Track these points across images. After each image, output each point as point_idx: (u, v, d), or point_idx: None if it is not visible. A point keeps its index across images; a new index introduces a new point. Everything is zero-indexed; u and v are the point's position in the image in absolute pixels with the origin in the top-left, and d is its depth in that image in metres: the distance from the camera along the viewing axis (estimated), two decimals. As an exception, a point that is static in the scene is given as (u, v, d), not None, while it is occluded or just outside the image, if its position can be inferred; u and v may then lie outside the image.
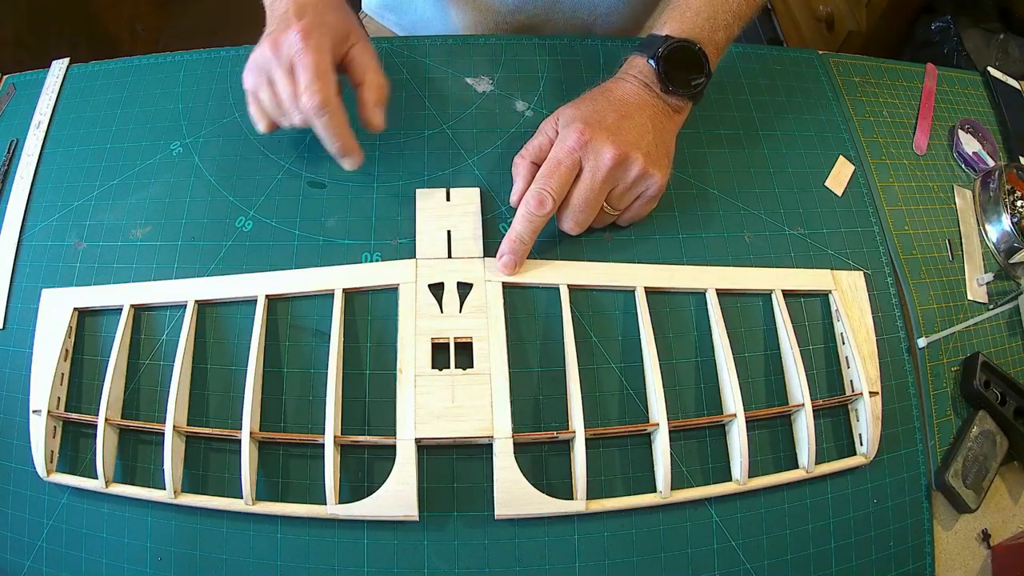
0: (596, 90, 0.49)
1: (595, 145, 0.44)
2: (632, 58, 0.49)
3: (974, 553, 0.48)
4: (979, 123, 0.64)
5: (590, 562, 0.43)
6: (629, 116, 0.46)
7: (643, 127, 0.46)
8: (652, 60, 0.47)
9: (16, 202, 0.53)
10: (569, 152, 0.44)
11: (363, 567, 0.43)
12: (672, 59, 0.47)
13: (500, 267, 0.47)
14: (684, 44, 0.47)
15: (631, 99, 0.47)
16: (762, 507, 0.45)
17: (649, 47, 0.48)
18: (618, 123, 0.45)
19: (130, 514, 0.44)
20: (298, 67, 0.44)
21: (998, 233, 0.58)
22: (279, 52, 0.44)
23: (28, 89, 0.59)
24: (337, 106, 0.45)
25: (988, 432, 0.49)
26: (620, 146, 0.44)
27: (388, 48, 0.59)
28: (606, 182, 0.45)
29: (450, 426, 0.42)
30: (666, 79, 0.47)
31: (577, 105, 0.48)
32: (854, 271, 0.52)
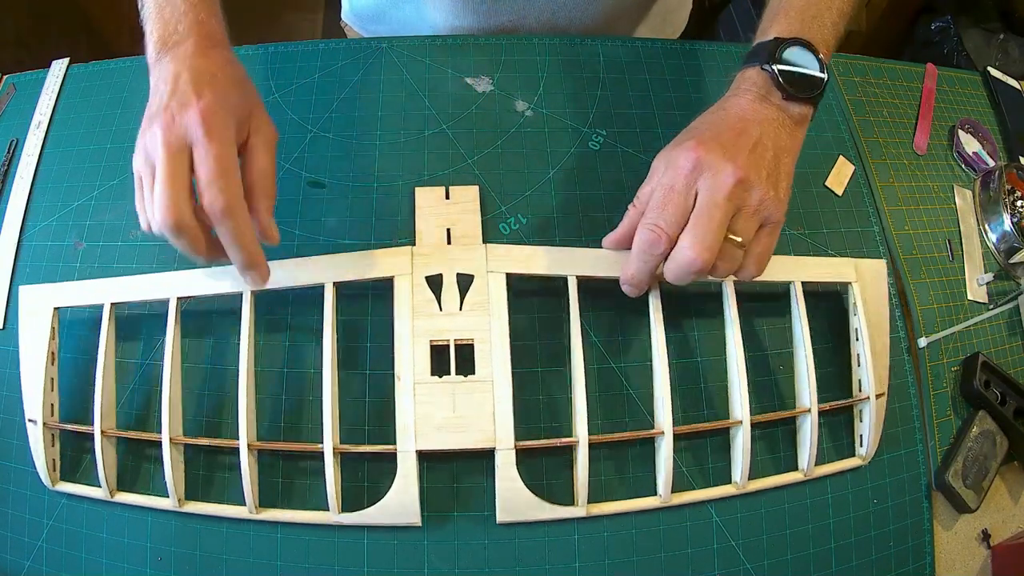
0: (708, 111, 0.44)
1: (711, 163, 0.38)
2: (741, 72, 0.44)
3: (974, 553, 0.48)
4: (979, 123, 0.64)
5: (590, 562, 0.43)
6: (746, 132, 0.40)
7: (762, 145, 0.40)
8: (766, 67, 0.42)
9: (16, 202, 0.53)
10: (684, 175, 0.39)
11: (363, 567, 0.42)
12: (787, 62, 0.42)
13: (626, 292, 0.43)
14: (798, 42, 0.43)
15: (748, 114, 0.41)
16: (762, 507, 0.45)
17: (758, 55, 0.43)
18: (735, 140, 0.40)
19: (130, 515, 0.44)
20: (199, 159, 0.36)
21: (998, 233, 0.58)
22: (169, 135, 0.36)
23: (28, 89, 0.59)
24: (245, 210, 0.37)
25: (988, 432, 0.49)
26: (740, 165, 0.38)
27: (387, 48, 0.59)
28: (728, 204, 0.38)
29: (451, 438, 0.42)
30: (787, 85, 0.41)
31: (687, 129, 0.43)
32: (877, 259, 0.50)
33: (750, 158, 0.39)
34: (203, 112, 0.36)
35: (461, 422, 0.42)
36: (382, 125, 0.55)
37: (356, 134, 0.54)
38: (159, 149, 0.36)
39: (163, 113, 0.37)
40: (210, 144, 0.36)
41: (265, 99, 0.55)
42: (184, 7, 0.40)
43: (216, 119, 0.37)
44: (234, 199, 0.36)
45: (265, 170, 0.39)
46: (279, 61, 0.57)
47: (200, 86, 0.37)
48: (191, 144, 0.36)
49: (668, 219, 0.39)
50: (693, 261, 0.38)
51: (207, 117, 0.36)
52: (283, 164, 0.53)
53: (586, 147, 0.55)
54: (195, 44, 0.39)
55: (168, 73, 0.39)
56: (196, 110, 0.36)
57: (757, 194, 0.39)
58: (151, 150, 0.37)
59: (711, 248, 0.38)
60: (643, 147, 0.55)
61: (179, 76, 0.38)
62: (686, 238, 0.38)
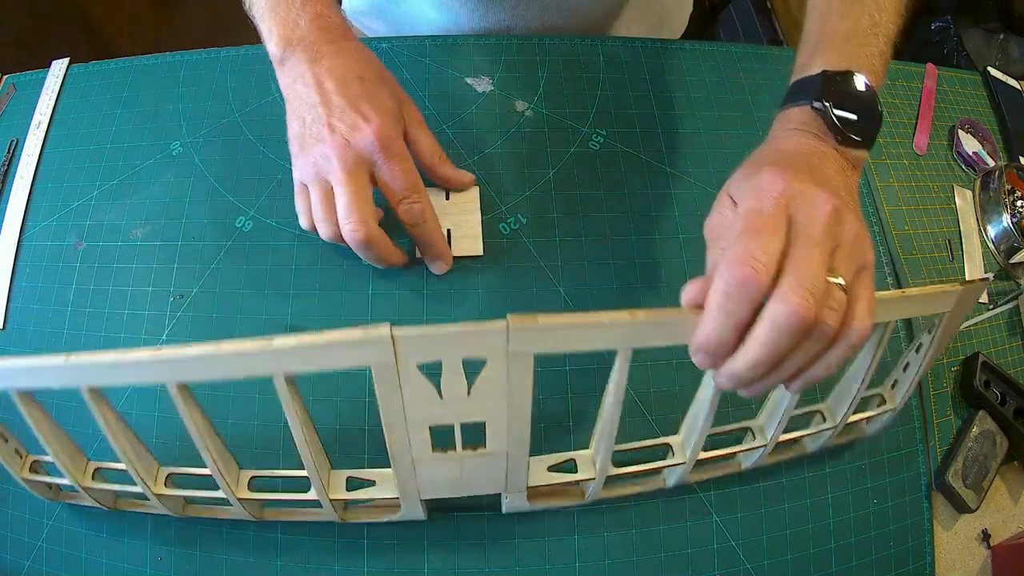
0: (759, 150, 0.38)
1: (802, 189, 0.31)
2: (784, 111, 0.39)
3: (974, 553, 0.48)
4: (979, 123, 0.64)
5: (590, 562, 0.43)
6: (816, 167, 0.34)
7: (835, 181, 0.34)
8: (816, 104, 0.36)
9: (16, 202, 0.53)
10: (772, 197, 0.31)
11: (363, 567, 0.42)
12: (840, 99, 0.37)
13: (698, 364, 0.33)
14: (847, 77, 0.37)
15: (808, 150, 0.36)
16: (762, 507, 0.45)
17: (804, 91, 0.38)
18: (810, 172, 0.33)
19: (130, 514, 0.44)
20: (387, 176, 0.40)
21: (998, 233, 0.58)
22: (345, 158, 0.39)
23: (28, 89, 0.59)
24: (433, 211, 0.43)
25: (988, 432, 0.49)
26: (832, 193, 0.32)
27: (388, 48, 0.59)
28: (826, 236, 0.30)
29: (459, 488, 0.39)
30: (843, 126, 0.36)
31: (750, 162, 0.36)
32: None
33: (834, 186, 0.33)
34: (378, 135, 0.39)
35: (471, 481, 0.38)
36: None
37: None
38: (338, 173, 0.39)
39: (331, 135, 0.39)
40: (394, 164, 0.40)
41: (265, 99, 0.56)
42: (300, 1, 0.40)
43: (390, 136, 0.40)
44: (427, 207, 0.42)
45: (433, 146, 0.46)
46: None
47: (357, 101, 0.39)
48: (372, 163, 0.40)
49: (763, 248, 0.29)
50: (795, 311, 0.28)
51: (383, 139, 0.39)
52: (283, 164, 0.53)
53: (586, 147, 0.55)
54: (323, 40, 0.40)
55: (307, 76, 0.40)
56: (371, 133, 0.39)
57: (851, 228, 0.31)
58: (326, 170, 0.40)
59: (816, 291, 0.29)
60: (643, 147, 0.55)
61: (322, 82, 0.39)
62: (787, 280, 0.29)
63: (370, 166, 0.40)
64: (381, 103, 0.41)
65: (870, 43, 0.39)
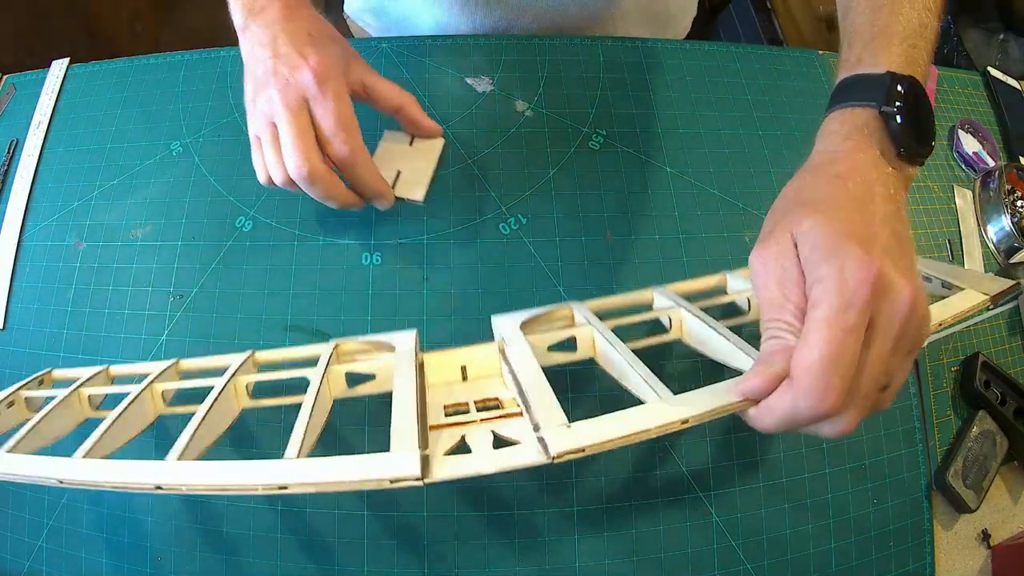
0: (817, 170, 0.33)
1: (888, 283, 0.28)
2: (843, 112, 0.35)
3: (974, 553, 0.48)
4: (979, 123, 0.64)
5: (590, 562, 0.43)
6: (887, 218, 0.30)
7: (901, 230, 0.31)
8: (887, 109, 0.33)
9: (16, 202, 0.53)
10: (863, 301, 0.27)
11: (363, 567, 0.43)
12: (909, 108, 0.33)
13: None
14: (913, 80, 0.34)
15: (878, 186, 0.32)
16: (762, 507, 0.45)
17: (867, 92, 0.34)
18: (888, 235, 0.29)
19: (130, 514, 0.44)
20: (320, 115, 0.40)
21: (998, 233, 0.58)
22: (288, 97, 0.40)
23: (28, 89, 0.59)
24: (367, 153, 0.43)
25: (988, 432, 0.49)
26: (912, 280, 0.28)
27: (388, 48, 0.59)
28: (902, 340, 0.28)
29: None
30: (913, 139, 0.33)
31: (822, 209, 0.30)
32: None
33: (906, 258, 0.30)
34: (315, 71, 0.40)
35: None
36: (382, 125, 0.55)
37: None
38: (281, 111, 0.40)
39: (275, 78, 0.40)
40: (327, 100, 0.40)
41: (265, 99, 0.56)
42: None
43: (328, 76, 0.40)
44: (357, 146, 0.41)
45: (393, 88, 0.46)
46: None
47: (302, 47, 0.41)
48: (309, 102, 0.40)
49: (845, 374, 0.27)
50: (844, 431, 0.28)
51: (320, 75, 0.40)
52: (283, 164, 0.53)
53: (586, 147, 0.55)
54: (281, 8, 0.42)
55: (263, 38, 0.41)
56: (308, 70, 0.40)
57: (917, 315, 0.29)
58: (270, 112, 0.41)
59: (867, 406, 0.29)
60: (643, 147, 0.55)
61: (276, 39, 0.41)
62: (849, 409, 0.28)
63: (310, 104, 0.41)
64: (325, 49, 0.41)
65: (921, 46, 0.36)
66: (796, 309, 0.28)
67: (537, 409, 0.31)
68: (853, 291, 0.27)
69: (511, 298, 0.48)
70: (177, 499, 0.44)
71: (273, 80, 0.40)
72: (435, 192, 0.52)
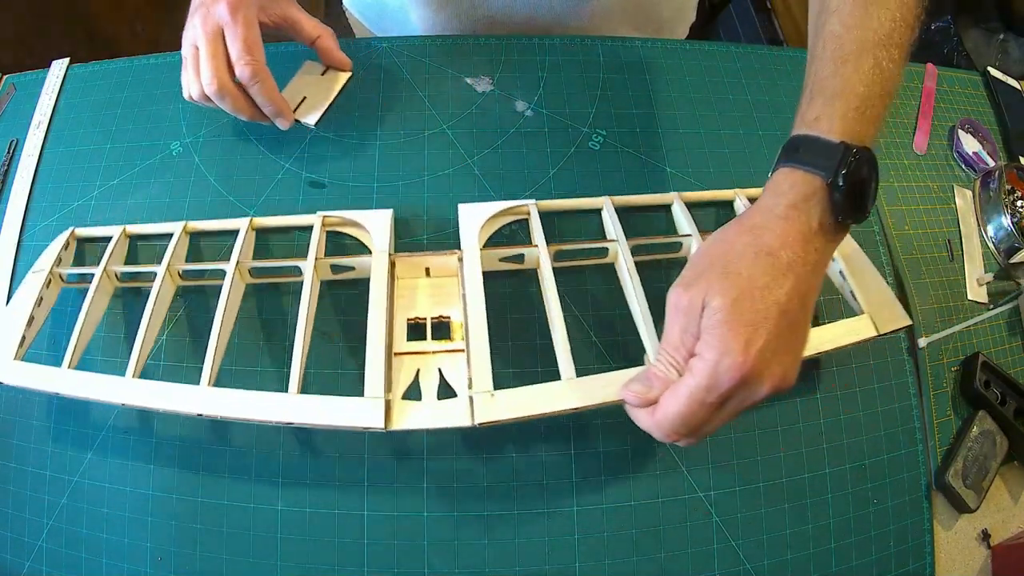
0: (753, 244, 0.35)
1: (752, 380, 0.33)
2: (788, 173, 0.37)
3: (974, 553, 0.48)
4: (979, 123, 0.64)
5: (590, 562, 0.43)
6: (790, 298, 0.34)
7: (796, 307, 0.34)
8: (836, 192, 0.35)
9: (16, 202, 0.53)
10: (720, 395, 0.33)
11: (363, 567, 0.43)
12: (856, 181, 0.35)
13: None
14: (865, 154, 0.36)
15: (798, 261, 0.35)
16: (762, 507, 0.45)
17: (818, 159, 0.36)
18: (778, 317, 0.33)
19: (130, 514, 0.44)
20: (230, 40, 0.47)
21: (998, 233, 0.58)
22: (207, 25, 0.47)
23: (28, 89, 0.59)
24: (268, 74, 0.48)
25: (988, 432, 0.49)
26: (775, 376, 0.34)
27: (388, 48, 0.59)
28: (743, 409, 0.35)
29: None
30: (853, 210, 0.36)
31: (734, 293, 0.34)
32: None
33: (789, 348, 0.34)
34: (230, 2, 0.46)
35: None
36: (382, 125, 0.55)
37: (356, 134, 0.54)
38: (200, 36, 0.47)
39: (200, 8, 0.47)
40: (236, 27, 0.46)
41: (265, 99, 0.56)
42: None
43: (240, 6, 0.47)
44: (259, 67, 0.47)
45: (312, 21, 0.53)
46: (280, 61, 0.57)
47: None
48: (224, 28, 0.47)
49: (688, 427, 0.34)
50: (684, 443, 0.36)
51: (233, 5, 0.46)
52: (283, 164, 0.53)
53: (586, 147, 0.55)
54: None
55: None
56: (225, 2, 0.46)
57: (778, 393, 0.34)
58: (194, 37, 0.47)
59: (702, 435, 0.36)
60: (643, 147, 0.55)
61: None
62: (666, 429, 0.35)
63: (224, 30, 0.47)
64: None
65: (876, 105, 0.37)
66: (687, 354, 0.35)
67: (474, 359, 0.41)
68: (719, 382, 0.33)
69: (511, 297, 0.48)
70: (178, 497, 0.44)
71: (199, 10, 0.47)
72: (436, 192, 0.52)
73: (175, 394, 0.40)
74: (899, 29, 0.38)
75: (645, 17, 0.68)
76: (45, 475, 0.45)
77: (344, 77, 0.55)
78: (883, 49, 0.38)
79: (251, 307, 0.48)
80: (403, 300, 0.46)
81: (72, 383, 0.41)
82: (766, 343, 0.33)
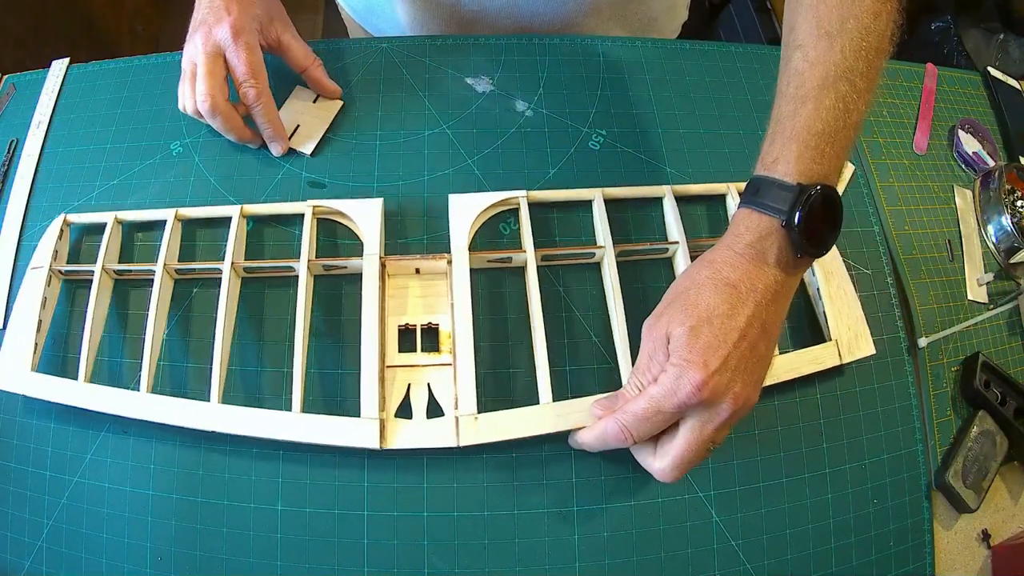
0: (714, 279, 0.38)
1: (714, 397, 0.36)
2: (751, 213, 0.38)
3: (974, 553, 0.48)
4: (979, 123, 0.64)
5: (590, 562, 0.43)
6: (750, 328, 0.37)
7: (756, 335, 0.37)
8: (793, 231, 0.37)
9: (16, 202, 0.53)
10: (677, 408, 0.36)
11: (363, 567, 0.43)
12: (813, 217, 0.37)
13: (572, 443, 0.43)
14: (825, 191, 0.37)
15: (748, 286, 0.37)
16: (762, 507, 0.45)
17: (774, 202, 0.37)
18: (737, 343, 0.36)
19: (130, 514, 0.44)
20: (233, 63, 0.49)
21: (998, 233, 0.58)
22: (207, 44, 0.48)
23: (28, 89, 0.59)
24: (271, 97, 0.51)
25: (988, 432, 0.49)
26: (738, 392, 0.36)
27: (388, 48, 0.59)
28: (712, 437, 0.37)
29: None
30: (809, 245, 0.37)
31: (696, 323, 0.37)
32: None
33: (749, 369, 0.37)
34: (233, 26, 0.48)
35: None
36: (382, 125, 0.55)
37: (356, 134, 0.54)
38: (199, 55, 0.48)
39: (202, 27, 0.49)
40: (239, 51, 0.48)
41: (265, 99, 0.56)
42: None
43: (244, 29, 0.48)
44: (262, 90, 0.50)
45: (304, 50, 0.54)
46: (279, 61, 0.57)
47: (229, 3, 0.48)
48: (224, 51, 0.48)
49: (642, 433, 0.38)
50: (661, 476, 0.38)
51: (236, 29, 0.48)
52: (283, 164, 0.53)
53: (586, 147, 0.55)
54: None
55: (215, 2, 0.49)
56: (227, 24, 0.48)
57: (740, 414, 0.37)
58: (193, 55, 0.49)
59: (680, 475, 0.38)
60: (643, 147, 0.55)
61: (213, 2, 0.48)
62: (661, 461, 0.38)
63: (225, 52, 0.49)
64: (248, 7, 0.49)
65: (840, 139, 0.38)
66: (652, 379, 0.38)
67: (460, 378, 0.43)
68: (677, 390, 0.36)
69: (511, 298, 0.48)
70: (178, 497, 0.44)
71: (201, 29, 0.49)
72: (435, 192, 0.52)
73: (187, 411, 0.43)
74: (866, 57, 0.39)
75: (631, 13, 0.67)
76: (45, 475, 0.45)
77: (336, 106, 0.55)
78: (846, 82, 0.38)
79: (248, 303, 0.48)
80: (394, 301, 0.47)
81: (89, 397, 0.44)
82: (724, 363, 0.36)
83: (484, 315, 0.47)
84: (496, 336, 0.47)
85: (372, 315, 0.44)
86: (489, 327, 0.47)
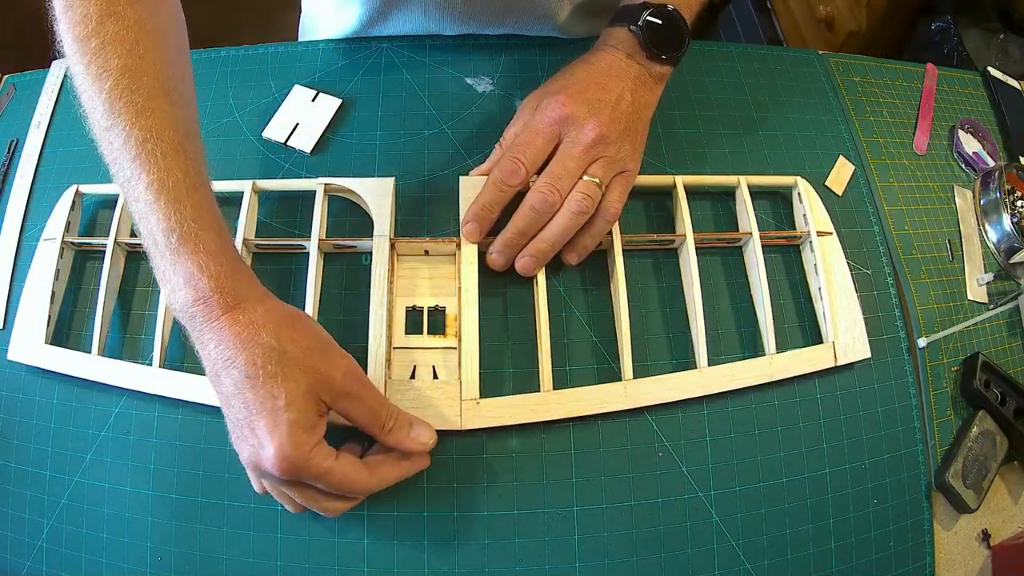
0: (575, 62, 0.48)
1: (576, 117, 0.43)
2: (610, 31, 0.48)
3: (974, 553, 0.48)
4: (979, 123, 0.64)
5: (590, 562, 0.43)
6: (610, 88, 0.45)
7: (624, 101, 0.45)
8: (633, 27, 0.46)
9: (16, 202, 0.53)
10: (548, 124, 0.44)
11: (363, 567, 0.43)
12: (653, 25, 0.46)
13: (464, 233, 0.46)
14: (663, 9, 0.46)
15: (613, 69, 0.46)
16: (762, 507, 0.45)
17: (627, 16, 0.47)
18: (600, 96, 0.44)
19: (130, 514, 0.44)
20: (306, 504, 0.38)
21: (998, 233, 0.58)
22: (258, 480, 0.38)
23: (28, 89, 0.59)
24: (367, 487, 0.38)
25: (988, 432, 0.49)
26: (602, 121, 0.43)
27: (388, 48, 0.59)
28: (585, 155, 0.44)
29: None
30: (651, 46, 0.46)
31: (556, 78, 0.47)
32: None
33: (612, 114, 0.44)
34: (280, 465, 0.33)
35: None
36: (382, 125, 0.55)
37: (356, 134, 0.54)
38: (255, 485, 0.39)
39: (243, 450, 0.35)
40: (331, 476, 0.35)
41: (265, 99, 0.56)
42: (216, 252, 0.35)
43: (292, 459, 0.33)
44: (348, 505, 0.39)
45: (370, 412, 0.37)
46: (279, 61, 0.57)
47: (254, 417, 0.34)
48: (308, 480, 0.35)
49: (528, 157, 0.44)
50: (546, 198, 0.43)
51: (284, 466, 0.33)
52: (283, 164, 0.53)
53: (586, 147, 0.55)
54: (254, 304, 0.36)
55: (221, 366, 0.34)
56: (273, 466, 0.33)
57: (613, 148, 0.44)
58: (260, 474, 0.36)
59: (562, 189, 0.43)
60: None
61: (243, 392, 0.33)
62: (542, 178, 0.44)
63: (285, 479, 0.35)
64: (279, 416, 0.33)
65: None
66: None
67: (465, 361, 0.44)
68: (545, 116, 0.44)
69: (510, 297, 0.48)
70: (177, 497, 0.44)
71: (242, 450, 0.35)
72: (436, 193, 0.52)
73: (198, 386, 0.44)
74: None
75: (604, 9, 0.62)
76: (45, 475, 0.45)
77: (336, 103, 0.55)
78: None
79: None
80: (404, 282, 0.48)
81: (104, 370, 0.45)
82: (588, 101, 0.44)
83: (489, 300, 0.47)
84: (498, 322, 0.47)
85: (380, 296, 0.45)
86: (493, 312, 0.47)
